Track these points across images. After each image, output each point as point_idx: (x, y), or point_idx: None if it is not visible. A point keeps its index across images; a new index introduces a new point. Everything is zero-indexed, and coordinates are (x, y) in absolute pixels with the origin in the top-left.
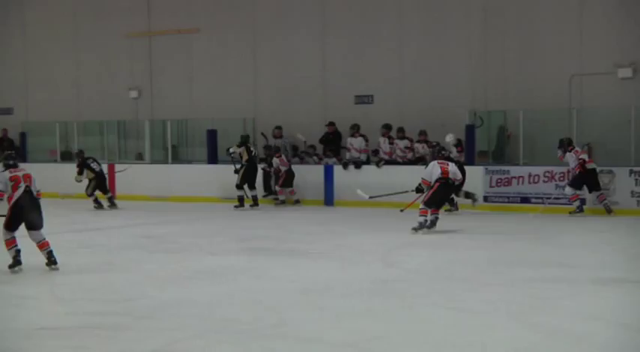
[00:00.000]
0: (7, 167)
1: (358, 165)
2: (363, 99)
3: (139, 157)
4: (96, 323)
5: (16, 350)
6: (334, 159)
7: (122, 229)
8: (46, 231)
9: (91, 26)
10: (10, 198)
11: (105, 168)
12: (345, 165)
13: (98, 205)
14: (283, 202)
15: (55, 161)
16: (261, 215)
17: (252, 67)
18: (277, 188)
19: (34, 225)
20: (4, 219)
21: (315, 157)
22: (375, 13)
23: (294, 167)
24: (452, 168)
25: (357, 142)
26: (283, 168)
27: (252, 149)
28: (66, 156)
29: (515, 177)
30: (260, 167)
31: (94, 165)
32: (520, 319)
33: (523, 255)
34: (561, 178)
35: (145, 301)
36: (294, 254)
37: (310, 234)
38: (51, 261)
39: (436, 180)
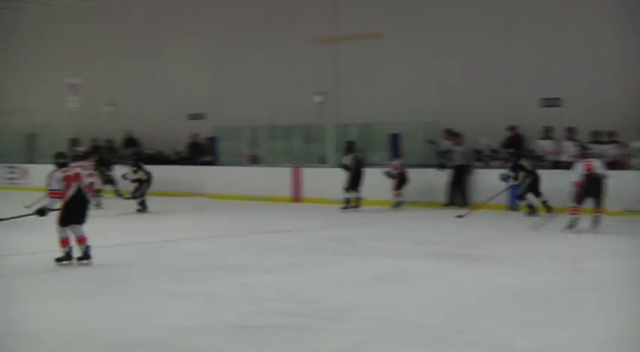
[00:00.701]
0: (59, 166)
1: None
2: (550, 102)
3: (322, 161)
4: (282, 323)
5: (209, 346)
6: None
7: (308, 231)
8: (234, 233)
9: (279, 33)
10: (62, 196)
11: (288, 171)
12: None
13: (142, 208)
14: (399, 204)
15: (244, 164)
16: (438, 219)
17: (435, 70)
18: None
19: (79, 221)
20: (54, 215)
21: (499, 161)
22: (563, 12)
23: (483, 171)
24: (598, 163)
25: (547, 145)
26: (395, 172)
27: (357, 154)
28: (255, 160)
29: None
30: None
31: (145, 168)
32: None
33: None
34: None
35: (329, 303)
36: (478, 258)
37: (493, 239)
38: (86, 255)
39: (583, 178)
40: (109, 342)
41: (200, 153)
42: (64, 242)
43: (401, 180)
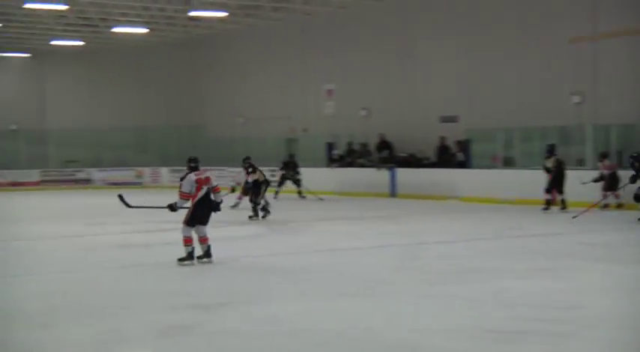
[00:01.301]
0: (191, 170)
1: None
2: None
3: (580, 163)
4: (540, 329)
5: (466, 351)
6: None
7: (561, 235)
8: (486, 236)
9: (534, 32)
10: (193, 198)
11: (543, 174)
12: None
13: (255, 215)
14: (606, 206)
15: (498, 167)
16: None
17: None
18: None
19: (203, 222)
20: (178, 214)
21: None
22: None
23: None
24: None
25: None
26: (607, 173)
27: (558, 157)
28: (509, 163)
29: None
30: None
31: (260, 169)
32: None
33: None
34: None
35: (587, 310)
36: None
37: None
38: (207, 254)
39: None
40: (361, 342)
41: (448, 155)
42: (188, 241)
43: (613, 181)
